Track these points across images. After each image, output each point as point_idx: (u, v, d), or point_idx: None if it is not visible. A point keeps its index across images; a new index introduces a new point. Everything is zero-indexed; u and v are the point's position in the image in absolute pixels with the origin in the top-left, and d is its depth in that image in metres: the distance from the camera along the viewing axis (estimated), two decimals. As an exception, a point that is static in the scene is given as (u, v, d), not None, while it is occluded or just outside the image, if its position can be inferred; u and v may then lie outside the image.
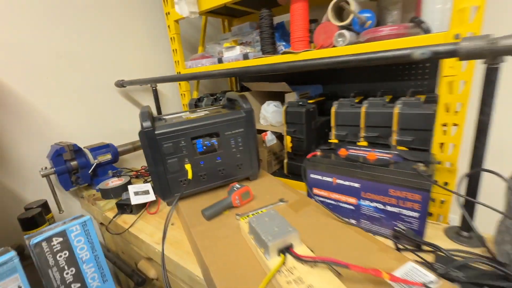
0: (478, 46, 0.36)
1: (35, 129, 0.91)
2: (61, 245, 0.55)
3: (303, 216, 0.58)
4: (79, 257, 0.58)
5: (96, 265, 0.60)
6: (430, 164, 0.55)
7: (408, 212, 0.55)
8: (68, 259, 0.56)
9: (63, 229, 0.55)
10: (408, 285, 0.36)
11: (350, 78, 1.12)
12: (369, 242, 0.48)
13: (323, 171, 0.66)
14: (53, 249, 0.54)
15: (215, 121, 0.69)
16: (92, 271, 0.59)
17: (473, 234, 0.55)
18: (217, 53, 1.15)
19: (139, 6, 1.18)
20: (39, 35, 0.90)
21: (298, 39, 0.82)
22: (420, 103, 0.68)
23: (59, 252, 0.55)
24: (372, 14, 0.73)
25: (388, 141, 0.71)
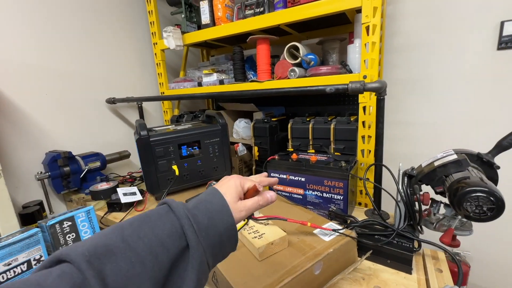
0: (357, 86, 0.62)
1: (31, 137, 1.02)
2: (70, 228, 0.68)
3: (263, 202, 0.78)
4: (83, 239, 0.70)
5: (96, 247, 0.73)
6: (349, 162, 0.79)
7: (336, 196, 0.78)
8: (75, 240, 0.69)
9: (72, 215, 0.69)
10: (323, 230, 0.57)
11: (306, 102, 1.39)
12: (306, 213, 0.69)
13: (280, 170, 0.88)
14: (63, 231, 0.67)
15: (197, 132, 0.88)
16: (93, 251, 0.72)
17: (381, 212, 0.79)
18: (196, 77, 1.36)
19: (130, 36, 1.37)
20: (42, 56, 1.04)
21: (262, 71, 1.06)
22: (348, 120, 0.94)
23: (68, 234, 0.68)
24: (315, 56, 1.00)
25: (328, 149, 0.95)
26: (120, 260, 0.26)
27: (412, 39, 1.14)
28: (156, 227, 0.29)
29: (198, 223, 0.31)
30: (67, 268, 0.24)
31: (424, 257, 0.61)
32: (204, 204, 0.33)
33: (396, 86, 1.20)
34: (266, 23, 0.98)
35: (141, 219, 0.30)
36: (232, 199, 0.36)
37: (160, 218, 0.31)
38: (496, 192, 0.48)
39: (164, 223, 0.30)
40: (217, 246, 0.32)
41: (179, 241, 0.29)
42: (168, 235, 0.29)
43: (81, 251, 0.25)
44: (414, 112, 1.19)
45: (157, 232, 0.29)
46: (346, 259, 0.56)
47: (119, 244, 0.27)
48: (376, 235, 0.62)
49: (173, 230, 0.29)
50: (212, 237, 0.31)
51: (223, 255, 0.34)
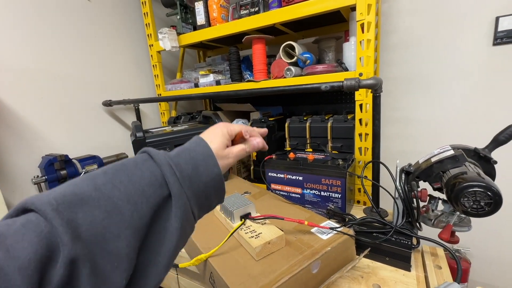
0: (352, 84, 0.62)
1: (27, 141, 1.01)
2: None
3: (261, 201, 0.77)
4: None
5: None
6: (347, 160, 0.79)
7: (334, 194, 0.77)
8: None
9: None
10: (320, 228, 0.57)
11: (303, 101, 1.39)
12: (304, 212, 0.69)
13: (277, 169, 0.87)
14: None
15: (193, 132, 0.88)
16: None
17: (379, 210, 0.79)
18: (193, 78, 1.35)
19: (126, 38, 1.37)
20: (38, 59, 1.04)
21: (258, 71, 1.06)
22: (345, 118, 0.94)
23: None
24: (310, 55, 1.00)
25: (325, 148, 0.95)
26: (94, 209, 0.24)
27: (408, 36, 1.14)
28: (134, 175, 0.27)
29: (181, 171, 0.29)
30: (33, 217, 0.22)
31: (423, 254, 0.61)
32: (188, 153, 0.32)
33: (393, 84, 1.20)
34: (261, 22, 0.98)
35: (116, 167, 0.28)
36: (219, 146, 0.35)
37: (137, 166, 0.28)
38: (494, 187, 0.47)
39: (142, 171, 0.28)
40: (202, 195, 0.31)
41: (160, 190, 0.28)
42: (147, 184, 0.27)
43: (47, 199, 0.23)
44: (411, 109, 1.19)
45: (135, 180, 0.27)
46: (344, 257, 0.56)
47: (91, 192, 0.25)
48: (374, 233, 0.62)
49: (152, 178, 0.28)
50: (196, 186, 0.30)
51: (209, 205, 0.33)
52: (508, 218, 1.07)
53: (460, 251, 1.12)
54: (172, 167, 0.29)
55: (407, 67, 1.17)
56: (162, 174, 0.28)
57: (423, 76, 1.14)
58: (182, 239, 0.29)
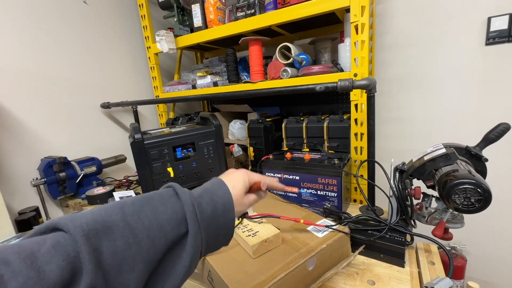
0: (346, 84, 0.63)
1: (26, 144, 1.02)
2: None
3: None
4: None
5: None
6: (342, 160, 0.80)
7: (330, 193, 0.78)
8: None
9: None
10: (316, 226, 0.58)
11: (300, 102, 1.40)
12: (300, 211, 0.70)
13: (274, 169, 0.88)
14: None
15: (191, 133, 0.89)
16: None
17: (374, 208, 0.80)
18: (191, 80, 1.36)
19: (124, 40, 1.38)
20: (36, 63, 1.05)
21: (255, 72, 1.07)
22: (341, 118, 0.95)
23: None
24: (306, 56, 1.01)
25: (321, 147, 0.96)
26: (118, 239, 0.25)
27: (402, 37, 1.16)
28: (158, 210, 0.29)
29: (201, 212, 0.31)
30: (62, 239, 0.22)
31: (417, 251, 0.62)
32: (210, 195, 0.33)
33: (388, 84, 1.22)
34: (257, 24, 0.99)
35: (143, 200, 0.29)
36: (239, 193, 0.37)
37: (162, 201, 0.30)
38: (483, 184, 0.48)
39: (166, 207, 0.29)
40: (213, 237, 0.32)
41: (178, 228, 0.29)
42: (168, 220, 0.28)
43: (80, 223, 0.23)
44: (406, 108, 1.20)
45: (158, 216, 0.28)
46: (339, 254, 0.57)
47: (118, 222, 0.26)
48: (369, 230, 0.63)
49: (174, 216, 0.29)
50: (211, 228, 0.31)
51: (215, 247, 0.34)
52: (504, 215, 1.08)
53: (456, 248, 1.14)
54: (194, 207, 0.30)
55: (401, 67, 1.18)
56: (184, 213, 0.30)
57: (417, 76, 1.16)
58: (187, 275, 0.30)
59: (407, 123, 1.22)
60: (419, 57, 1.14)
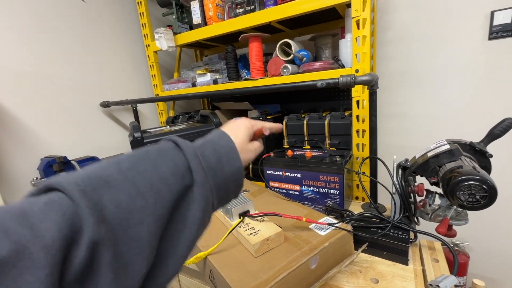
0: (347, 80, 0.62)
1: (25, 143, 1.01)
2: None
3: (260, 198, 0.78)
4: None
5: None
6: (344, 157, 0.79)
7: (332, 191, 0.78)
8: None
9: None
10: (318, 224, 0.57)
11: (301, 99, 1.39)
12: (302, 209, 0.69)
13: (276, 167, 0.88)
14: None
15: (191, 132, 0.88)
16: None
17: (376, 205, 0.79)
18: (190, 78, 1.35)
19: (122, 38, 1.37)
20: (35, 62, 1.04)
21: (255, 69, 1.06)
22: (343, 115, 0.94)
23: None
24: (307, 52, 1.00)
25: (323, 145, 0.95)
26: (119, 192, 0.23)
27: (404, 32, 1.14)
28: (158, 163, 0.27)
29: (206, 161, 0.29)
30: (56, 197, 0.21)
31: (421, 248, 0.62)
32: (211, 145, 0.32)
33: (390, 80, 1.20)
34: (257, 20, 0.98)
35: (140, 154, 0.28)
36: (243, 140, 0.36)
37: (161, 154, 0.28)
38: (489, 180, 0.48)
39: (166, 160, 0.28)
40: (223, 187, 0.31)
41: (182, 180, 0.27)
42: (171, 173, 0.27)
43: (74, 179, 0.22)
44: (408, 104, 1.19)
45: (159, 169, 0.27)
46: (342, 252, 0.56)
47: (116, 176, 0.24)
48: (372, 228, 0.62)
49: (175, 168, 0.27)
50: (219, 177, 0.30)
51: (227, 198, 0.33)
52: (507, 211, 1.07)
53: (459, 244, 1.13)
54: (198, 156, 0.29)
55: (403, 62, 1.17)
56: (187, 163, 0.28)
57: (420, 71, 1.14)
58: (201, 229, 0.29)
59: (409, 120, 1.20)
60: (421, 52, 1.12)
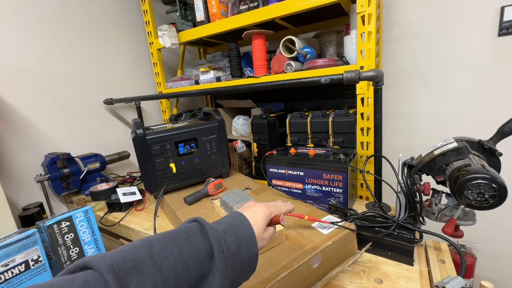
0: (352, 76, 0.61)
1: (30, 140, 1.02)
2: (68, 228, 0.68)
3: (262, 196, 0.77)
4: (82, 239, 0.70)
5: (95, 247, 0.73)
6: (348, 155, 0.78)
7: (335, 189, 0.77)
8: (73, 240, 0.69)
9: (70, 215, 0.69)
10: (321, 223, 0.56)
11: (305, 97, 1.38)
12: (305, 207, 0.68)
13: (278, 165, 0.87)
14: (61, 231, 0.67)
15: (193, 129, 0.87)
16: (92, 251, 0.72)
17: (381, 204, 0.78)
18: (194, 75, 1.35)
19: (126, 36, 1.37)
20: (39, 59, 1.05)
21: (258, 67, 1.05)
22: (347, 113, 0.92)
23: (66, 234, 0.68)
24: (311, 49, 0.99)
25: (326, 143, 0.94)
26: (146, 278, 0.25)
27: (410, 28, 1.12)
28: (184, 248, 0.29)
29: (227, 248, 0.31)
30: (91, 278, 0.23)
31: (426, 248, 0.60)
32: (234, 231, 0.33)
33: (396, 77, 1.18)
34: (260, 17, 0.97)
35: (169, 236, 0.30)
36: (260, 229, 0.37)
37: (187, 238, 0.30)
38: (498, 179, 0.46)
39: (191, 245, 0.29)
40: (238, 274, 0.32)
41: (201, 267, 0.29)
42: (192, 259, 0.28)
43: (110, 262, 0.24)
44: (414, 102, 1.17)
45: (183, 254, 0.28)
46: (345, 252, 0.55)
47: (147, 261, 0.26)
48: (376, 227, 0.61)
49: (197, 254, 0.29)
50: (236, 264, 0.31)
51: (240, 281, 0.34)
52: (514, 212, 1.05)
53: (466, 246, 1.10)
54: (221, 244, 0.30)
55: (409, 60, 1.15)
56: (210, 250, 0.30)
57: (426, 68, 1.12)
58: None
59: (414, 118, 1.18)
60: (427, 49, 1.10)
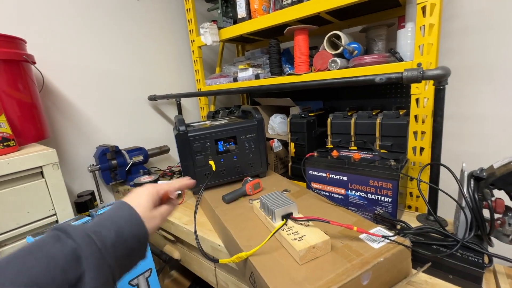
0: (414, 75, 0.54)
1: (84, 132, 1.11)
2: (116, 218, 0.72)
3: (302, 200, 0.74)
4: (128, 229, 0.74)
5: (139, 237, 0.77)
6: (400, 161, 0.71)
7: (384, 198, 0.70)
8: (121, 229, 0.73)
9: (118, 206, 0.73)
10: (370, 235, 0.51)
11: (346, 95, 1.30)
12: (350, 216, 0.64)
13: (319, 168, 0.83)
14: (111, 220, 0.71)
15: (233, 127, 0.87)
16: (136, 241, 0.76)
17: (438, 218, 0.70)
18: (232, 73, 1.35)
19: (169, 34, 1.42)
20: (94, 59, 1.13)
21: (300, 64, 1.01)
22: (397, 115, 0.84)
23: (114, 223, 0.72)
24: (358, 45, 0.92)
25: (373, 146, 0.87)
26: None
27: (475, 20, 0.98)
28: (27, 265, 0.24)
29: (103, 240, 0.29)
30: None
31: (496, 275, 0.52)
32: (110, 219, 0.32)
33: (454, 75, 1.05)
34: (305, 12, 0.93)
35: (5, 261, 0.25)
36: (146, 207, 0.36)
37: (33, 253, 0.26)
38: None
39: (38, 258, 0.25)
40: (126, 259, 0.31)
41: (65, 273, 0.25)
42: (44, 271, 0.24)
43: None
44: (476, 103, 1.03)
45: (30, 271, 0.24)
46: (398, 270, 0.50)
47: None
48: (434, 245, 0.54)
49: (52, 263, 0.25)
50: (119, 249, 0.30)
51: (131, 264, 0.33)
52: None
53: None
54: (92, 238, 0.28)
55: (471, 55, 1.01)
56: (75, 251, 0.26)
57: (493, 65, 0.98)
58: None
59: (475, 121, 1.05)
60: (494, 43, 0.96)
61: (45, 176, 0.68)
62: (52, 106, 1.02)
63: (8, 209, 0.62)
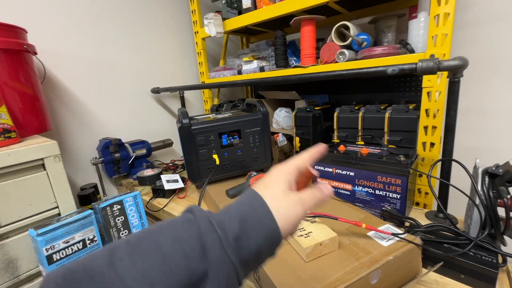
0: (429, 65, 0.51)
1: (87, 125, 1.10)
2: (119, 211, 0.71)
3: (307, 196, 0.72)
4: (131, 222, 0.74)
5: (142, 231, 0.76)
6: (409, 156, 0.69)
7: (392, 194, 0.68)
8: (124, 223, 0.72)
9: (121, 199, 0.72)
10: (379, 233, 0.50)
11: (352, 89, 1.27)
12: (358, 212, 0.62)
13: (325, 163, 0.81)
14: (113, 213, 0.70)
15: (237, 120, 0.85)
16: (139, 235, 0.75)
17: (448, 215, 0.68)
18: (236, 65, 1.33)
19: (173, 26, 1.39)
20: (96, 50, 1.11)
21: (306, 56, 0.98)
22: (407, 109, 0.82)
23: (117, 216, 0.71)
24: (367, 36, 0.89)
25: (381, 141, 0.84)
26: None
27: (488, 10, 0.94)
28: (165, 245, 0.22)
29: (226, 233, 0.23)
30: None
31: (510, 275, 0.50)
32: (235, 206, 0.26)
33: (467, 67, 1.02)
34: (312, 1, 0.89)
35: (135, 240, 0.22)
36: (279, 191, 0.27)
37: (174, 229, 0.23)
38: None
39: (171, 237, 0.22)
40: (254, 257, 0.24)
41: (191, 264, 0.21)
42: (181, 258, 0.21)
43: (56, 275, 0.20)
44: (490, 97, 1.00)
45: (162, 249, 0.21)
46: (408, 269, 0.48)
47: (102, 269, 0.20)
48: (446, 244, 0.52)
49: (182, 250, 0.22)
50: (245, 248, 0.24)
51: (259, 263, 0.26)
52: None
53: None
54: (213, 225, 0.23)
55: (485, 47, 0.97)
56: (200, 243, 0.22)
57: (506, 57, 0.94)
58: None
59: (488, 116, 1.01)
60: (509, 34, 0.92)
61: (46, 169, 0.67)
62: (54, 97, 1.01)
63: (10, 202, 0.61)
